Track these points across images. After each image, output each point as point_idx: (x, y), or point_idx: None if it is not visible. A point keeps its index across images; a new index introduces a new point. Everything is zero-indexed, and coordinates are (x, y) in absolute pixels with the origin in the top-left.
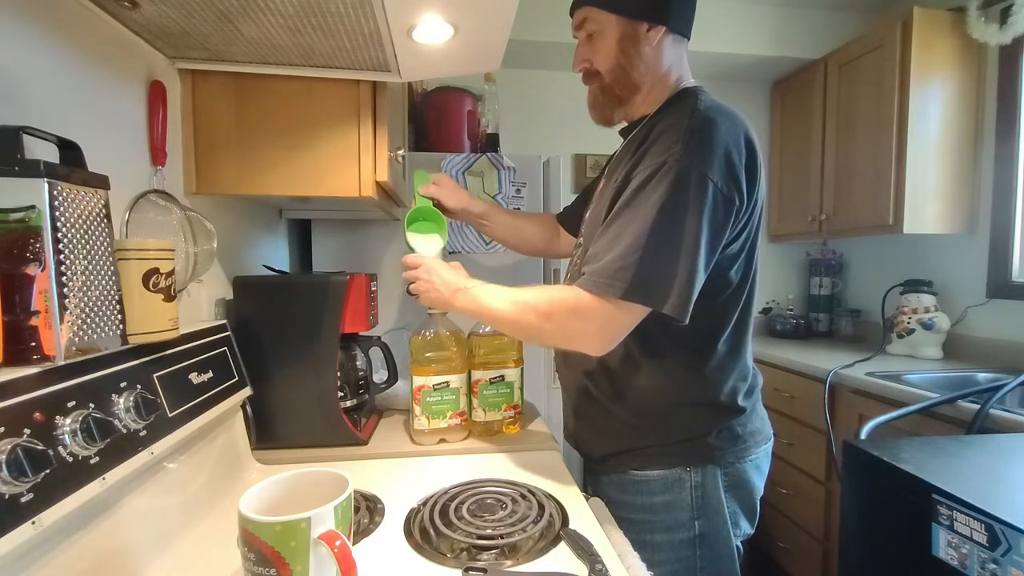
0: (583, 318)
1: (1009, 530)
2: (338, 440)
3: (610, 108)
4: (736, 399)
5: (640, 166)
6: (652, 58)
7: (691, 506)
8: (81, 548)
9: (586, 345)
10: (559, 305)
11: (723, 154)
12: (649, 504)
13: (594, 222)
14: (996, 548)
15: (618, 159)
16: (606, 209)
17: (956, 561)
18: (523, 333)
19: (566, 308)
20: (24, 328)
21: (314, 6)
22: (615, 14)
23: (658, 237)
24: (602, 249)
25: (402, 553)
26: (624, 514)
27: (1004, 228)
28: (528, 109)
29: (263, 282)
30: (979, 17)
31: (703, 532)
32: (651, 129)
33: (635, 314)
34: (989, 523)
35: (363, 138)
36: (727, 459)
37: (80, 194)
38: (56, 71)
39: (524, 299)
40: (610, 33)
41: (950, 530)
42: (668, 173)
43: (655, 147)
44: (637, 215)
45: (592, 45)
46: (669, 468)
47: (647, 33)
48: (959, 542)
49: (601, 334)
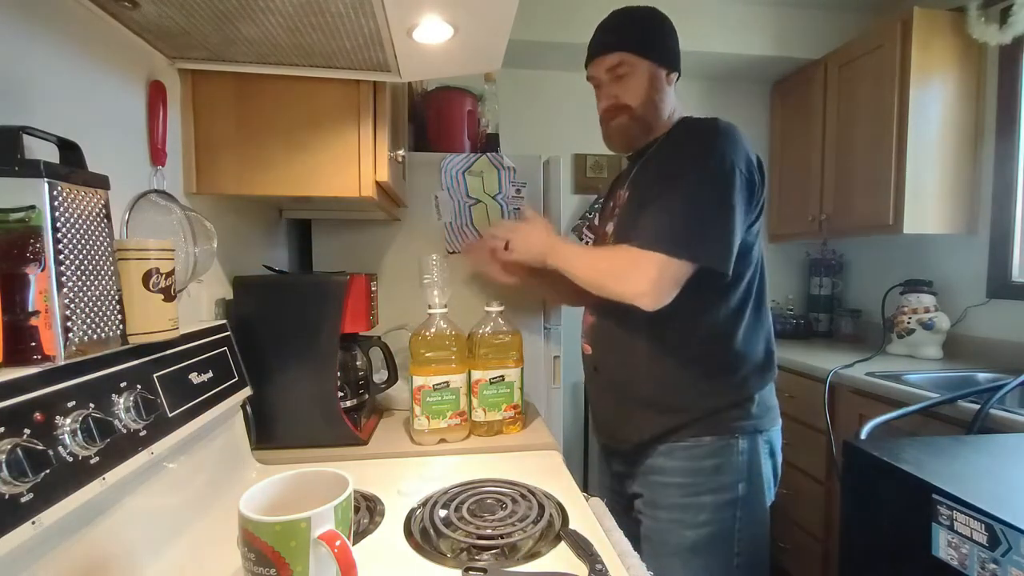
0: (639, 269)
1: (1009, 530)
2: (338, 440)
3: (636, 137)
4: (772, 359)
5: (668, 163)
6: (667, 95)
7: (738, 470)
8: (81, 548)
9: (640, 296)
10: (622, 259)
11: (741, 147)
12: (699, 467)
13: (625, 227)
14: (996, 548)
15: (640, 177)
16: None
17: (956, 561)
18: (594, 283)
19: (627, 261)
20: (24, 328)
21: (314, 6)
22: (648, 60)
23: (695, 204)
24: (648, 221)
25: (402, 553)
26: (671, 479)
27: (1004, 228)
28: (528, 109)
29: (263, 282)
30: (979, 17)
31: (745, 494)
32: (666, 142)
33: (683, 269)
34: (989, 523)
35: (363, 138)
36: (765, 426)
37: (80, 194)
38: (56, 71)
39: (597, 255)
40: (642, 74)
41: (950, 530)
42: (698, 160)
43: (681, 148)
44: (675, 193)
45: (623, 84)
46: (720, 435)
47: (667, 76)
48: (959, 542)
49: (653, 286)
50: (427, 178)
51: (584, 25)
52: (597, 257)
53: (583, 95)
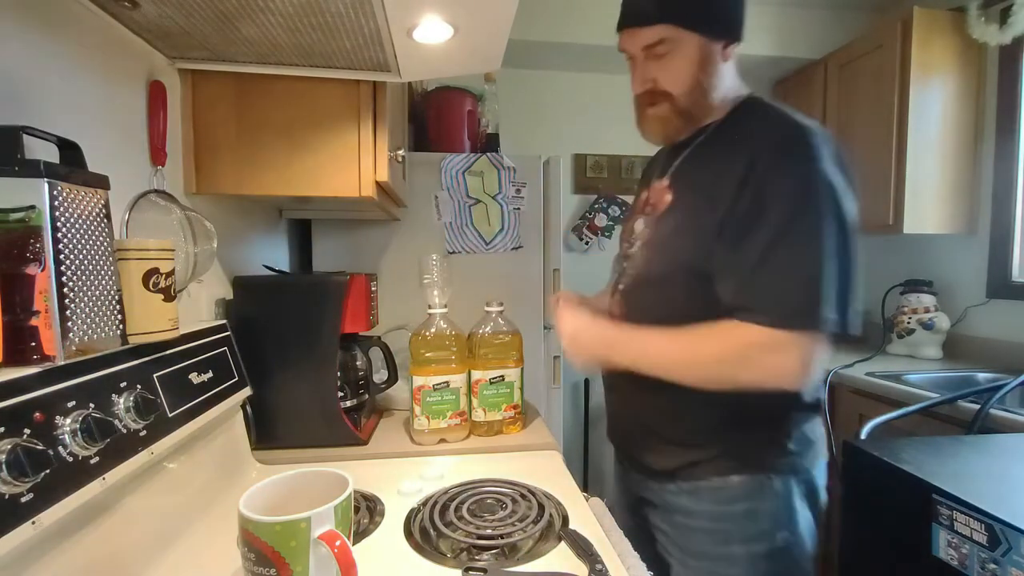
0: (782, 352)
1: (1009, 530)
2: (338, 440)
3: (681, 130)
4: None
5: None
6: (723, 73)
7: (774, 515)
8: (81, 548)
9: (787, 380)
10: (751, 345)
11: (834, 159)
12: (728, 512)
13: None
14: (996, 548)
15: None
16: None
17: (956, 561)
18: (707, 377)
19: (759, 346)
20: (24, 328)
21: (314, 6)
22: (698, 34)
23: (829, 260)
24: (774, 278)
25: (402, 553)
26: (698, 523)
27: (1004, 228)
28: (528, 109)
29: (263, 282)
30: (979, 17)
31: (786, 545)
32: (733, 142)
33: (827, 340)
34: (989, 523)
35: (363, 138)
36: (806, 464)
37: (80, 194)
38: (56, 71)
39: (701, 344)
40: (690, 53)
41: (950, 530)
42: (807, 185)
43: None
44: (799, 239)
45: (663, 64)
46: (751, 474)
47: (724, 50)
48: (959, 542)
49: (804, 367)
50: (427, 178)
51: (584, 25)
52: (696, 342)
53: (583, 95)
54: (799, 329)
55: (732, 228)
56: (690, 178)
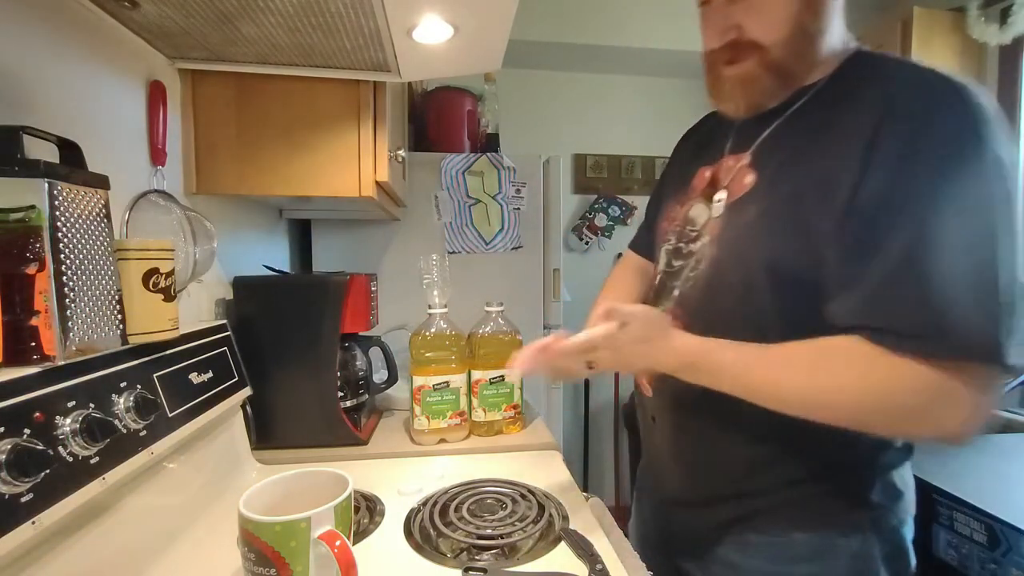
0: (956, 403)
1: (1009, 530)
2: (338, 440)
3: (775, 94)
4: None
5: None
6: (837, 15)
7: None
8: (81, 548)
9: (955, 434)
10: (907, 389)
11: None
12: (787, 574)
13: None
14: (996, 548)
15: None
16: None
17: (956, 561)
18: (823, 415)
19: (921, 390)
20: (24, 328)
21: (314, 6)
22: None
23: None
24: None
25: (402, 553)
26: None
27: None
28: (528, 109)
29: (263, 282)
30: (979, 17)
31: None
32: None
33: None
34: (989, 523)
35: (363, 138)
36: (889, 521)
37: (80, 194)
38: (56, 71)
39: (835, 375)
40: None
41: (950, 530)
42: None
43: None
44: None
45: (751, 3)
46: (819, 531)
47: None
48: (959, 542)
49: (974, 418)
50: (427, 178)
51: (584, 25)
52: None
53: (583, 95)
54: (976, 359)
55: (858, 222)
56: (787, 154)
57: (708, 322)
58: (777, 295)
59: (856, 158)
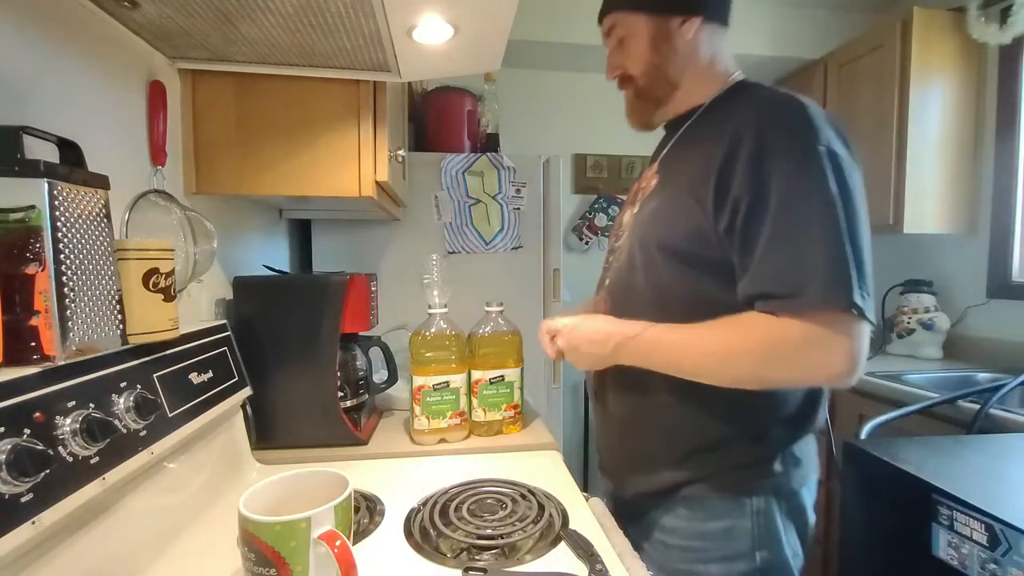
0: (827, 349)
1: (1009, 530)
2: (338, 440)
3: (648, 112)
4: (813, 406)
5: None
6: (688, 52)
7: (752, 534)
8: (81, 548)
9: (834, 376)
10: (788, 342)
11: (831, 127)
12: (704, 530)
13: (646, 225)
14: (996, 548)
15: (675, 155)
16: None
17: (956, 561)
18: (737, 379)
19: (800, 343)
20: (24, 328)
21: (314, 6)
22: (644, 13)
23: (849, 230)
24: (792, 266)
25: (402, 553)
26: (674, 540)
27: (1004, 228)
28: (528, 109)
29: (263, 282)
30: (979, 17)
31: (765, 565)
32: (718, 123)
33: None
34: (989, 523)
35: (363, 138)
36: (792, 484)
37: (80, 194)
38: (56, 71)
39: (731, 342)
40: (641, 34)
41: (950, 530)
42: (808, 159)
43: (759, 139)
44: (813, 212)
45: (624, 50)
46: (730, 495)
47: (680, 27)
48: (959, 542)
49: (848, 357)
50: (427, 178)
51: (584, 25)
52: (724, 338)
53: (583, 95)
54: (836, 307)
55: (731, 216)
56: (675, 161)
57: (626, 302)
58: (669, 269)
59: (719, 159)
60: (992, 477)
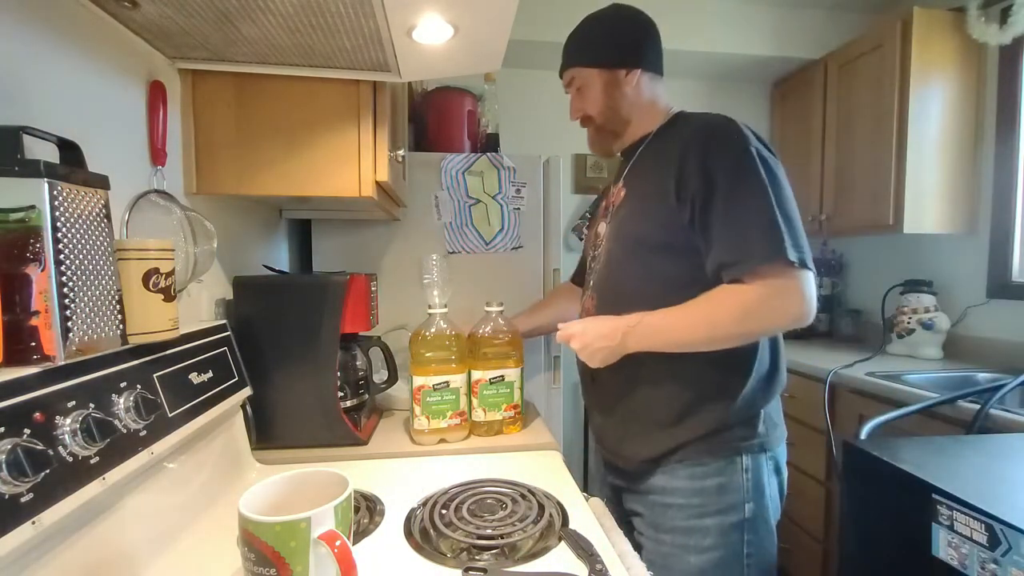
0: (782, 296)
1: (1009, 530)
2: (338, 440)
3: (607, 143)
4: (778, 369)
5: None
6: (634, 95)
7: (744, 488)
8: (81, 548)
9: (795, 316)
10: (752, 300)
11: (755, 135)
12: (702, 488)
13: (622, 227)
14: (996, 548)
15: (636, 172)
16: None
17: (956, 561)
18: (724, 339)
19: (761, 298)
20: (24, 328)
21: (314, 6)
22: (596, 68)
23: (779, 209)
24: (740, 237)
25: (402, 553)
26: (673, 500)
27: (1004, 228)
28: (528, 109)
29: (263, 282)
30: (979, 17)
31: (752, 515)
32: (667, 143)
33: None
34: (989, 523)
35: (363, 138)
36: (770, 444)
37: (80, 194)
38: (56, 71)
39: (711, 312)
40: (595, 84)
41: (950, 530)
42: (741, 158)
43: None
44: (750, 196)
45: (583, 96)
46: (723, 455)
47: (626, 77)
48: (959, 542)
49: (805, 300)
50: (427, 178)
51: None
52: (705, 310)
53: None
54: (782, 262)
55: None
56: (637, 177)
57: (610, 294)
58: (650, 258)
59: (674, 168)
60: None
